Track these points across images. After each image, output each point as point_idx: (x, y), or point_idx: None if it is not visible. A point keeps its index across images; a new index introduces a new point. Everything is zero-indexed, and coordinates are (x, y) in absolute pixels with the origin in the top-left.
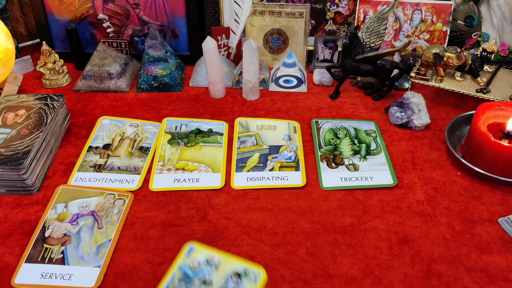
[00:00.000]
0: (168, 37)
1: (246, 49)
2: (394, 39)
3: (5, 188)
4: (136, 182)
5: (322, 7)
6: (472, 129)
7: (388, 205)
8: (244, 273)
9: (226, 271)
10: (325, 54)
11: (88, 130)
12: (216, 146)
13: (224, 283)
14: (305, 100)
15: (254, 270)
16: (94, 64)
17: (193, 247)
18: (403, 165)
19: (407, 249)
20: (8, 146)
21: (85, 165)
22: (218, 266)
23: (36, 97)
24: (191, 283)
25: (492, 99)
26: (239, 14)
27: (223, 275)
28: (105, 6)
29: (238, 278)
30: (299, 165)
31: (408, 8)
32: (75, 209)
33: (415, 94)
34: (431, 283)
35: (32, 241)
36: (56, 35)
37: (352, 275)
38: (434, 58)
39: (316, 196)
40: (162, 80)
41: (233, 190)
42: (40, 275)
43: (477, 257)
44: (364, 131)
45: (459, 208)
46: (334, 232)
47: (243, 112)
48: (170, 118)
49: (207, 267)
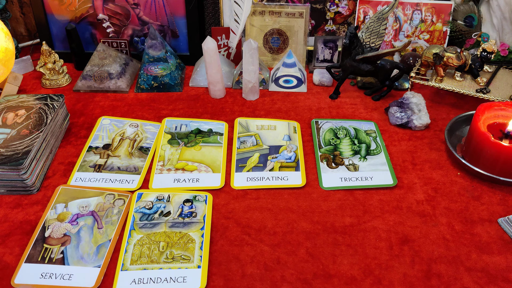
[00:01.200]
0: (168, 37)
1: (246, 49)
2: (394, 39)
3: (5, 188)
4: (136, 182)
5: (322, 7)
6: (472, 129)
7: (388, 205)
8: (194, 198)
9: (177, 201)
10: (325, 54)
11: (88, 130)
12: (216, 146)
13: (180, 210)
14: (305, 100)
15: (201, 194)
16: (94, 64)
17: (141, 193)
18: (403, 165)
19: (407, 249)
20: (8, 146)
21: (85, 165)
22: (170, 200)
23: (36, 97)
24: (151, 218)
25: (492, 99)
26: (239, 14)
27: (176, 205)
28: (105, 6)
29: (190, 203)
30: (299, 165)
31: (408, 8)
32: (75, 209)
33: (415, 94)
34: (431, 283)
35: (32, 241)
36: (56, 35)
37: (352, 275)
38: (434, 58)
39: (316, 196)
40: (162, 80)
41: (233, 190)
42: (40, 275)
43: (477, 257)
44: (364, 131)
45: (459, 208)
46: (334, 232)
47: (243, 112)
48: (170, 118)
49: (160, 203)
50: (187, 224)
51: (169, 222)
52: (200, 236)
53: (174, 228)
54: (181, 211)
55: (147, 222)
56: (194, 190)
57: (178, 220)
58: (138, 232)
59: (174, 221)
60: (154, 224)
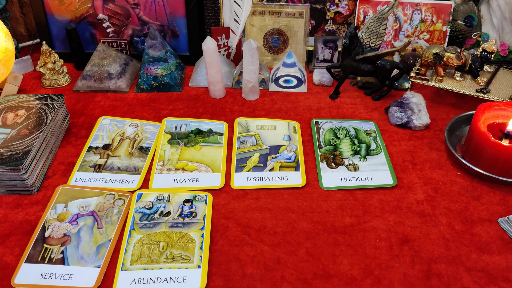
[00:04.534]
0: (168, 37)
1: (246, 49)
2: (394, 39)
3: (5, 188)
4: (136, 182)
5: (322, 7)
6: (472, 129)
7: (388, 205)
8: (194, 198)
9: (177, 201)
10: (325, 54)
11: (88, 130)
12: (216, 146)
13: (180, 210)
14: (305, 100)
15: (201, 194)
16: (94, 64)
17: (141, 193)
18: (403, 165)
19: (407, 249)
20: (8, 146)
21: (85, 165)
22: (170, 200)
23: (36, 97)
24: (151, 218)
25: (492, 99)
26: (239, 14)
27: (176, 205)
28: (105, 6)
29: (190, 203)
30: (299, 165)
31: (408, 8)
32: (75, 209)
33: (415, 94)
34: (431, 283)
35: (32, 241)
36: (56, 35)
37: (352, 275)
38: (434, 58)
39: (316, 196)
40: (162, 80)
41: (233, 190)
42: (40, 275)
43: (477, 257)
44: (364, 131)
45: (459, 208)
46: (334, 232)
47: (243, 112)
48: (170, 118)
49: (160, 203)
50: (187, 224)
51: (169, 222)
52: (200, 236)
53: (174, 228)
54: (181, 211)
55: (147, 222)
56: (194, 190)
57: (178, 220)
58: (138, 232)
59: (174, 221)
60: (154, 224)
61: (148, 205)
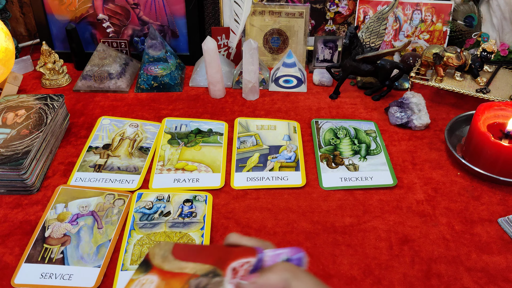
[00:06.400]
0: (168, 37)
1: (246, 49)
2: (394, 39)
3: (5, 188)
4: (136, 182)
5: (322, 7)
6: (472, 129)
7: (388, 205)
8: (194, 198)
9: (177, 201)
10: (325, 54)
11: (88, 130)
12: (216, 146)
13: (180, 210)
14: (305, 100)
15: (201, 194)
16: (94, 64)
17: (141, 193)
18: (403, 165)
19: (407, 249)
20: (8, 146)
21: (85, 165)
22: (170, 200)
23: (36, 97)
24: (151, 218)
25: (492, 99)
26: (239, 14)
27: (176, 205)
28: (105, 6)
29: (190, 203)
30: (299, 165)
31: (408, 8)
32: (75, 209)
33: (415, 94)
34: (431, 283)
35: (32, 241)
36: (56, 35)
37: (352, 275)
38: (434, 58)
39: (316, 196)
40: (162, 80)
41: (233, 190)
42: (40, 275)
43: (477, 257)
44: (364, 131)
45: (459, 208)
46: (334, 232)
47: (243, 112)
48: (170, 118)
49: (160, 203)
50: (187, 224)
51: (169, 222)
52: (200, 236)
53: (174, 228)
54: (181, 211)
55: (147, 222)
56: (194, 190)
57: (178, 220)
58: (138, 232)
59: (174, 221)
60: (154, 224)
61: (148, 205)
